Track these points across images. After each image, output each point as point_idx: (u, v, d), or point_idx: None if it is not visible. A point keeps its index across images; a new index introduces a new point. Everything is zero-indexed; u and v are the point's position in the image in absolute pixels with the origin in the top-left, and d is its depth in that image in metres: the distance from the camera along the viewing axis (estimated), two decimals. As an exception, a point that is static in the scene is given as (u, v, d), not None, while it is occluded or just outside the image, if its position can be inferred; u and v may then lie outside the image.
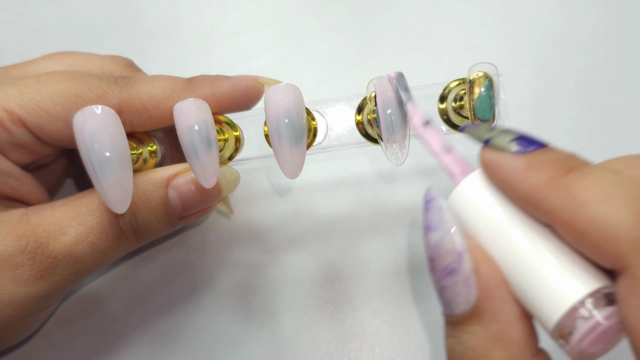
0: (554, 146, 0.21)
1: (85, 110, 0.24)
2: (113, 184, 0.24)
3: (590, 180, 0.19)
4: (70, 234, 0.27)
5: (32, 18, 0.42)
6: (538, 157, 0.20)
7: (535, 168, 0.20)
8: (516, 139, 0.21)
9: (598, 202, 0.18)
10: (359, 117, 0.31)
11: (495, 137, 0.22)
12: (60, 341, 0.34)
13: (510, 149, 0.21)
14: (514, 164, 0.21)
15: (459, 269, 0.21)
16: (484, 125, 0.23)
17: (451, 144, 0.24)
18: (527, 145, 0.21)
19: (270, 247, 0.36)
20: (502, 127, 0.23)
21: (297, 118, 0.26)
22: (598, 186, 0.19)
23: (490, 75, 0.28)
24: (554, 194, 0.19)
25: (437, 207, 0.22)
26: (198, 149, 0.26)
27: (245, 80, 0.30)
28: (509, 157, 0.21)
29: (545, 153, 0.21)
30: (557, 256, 0.20)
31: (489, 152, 0.22)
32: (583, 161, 0.20)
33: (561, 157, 0.20)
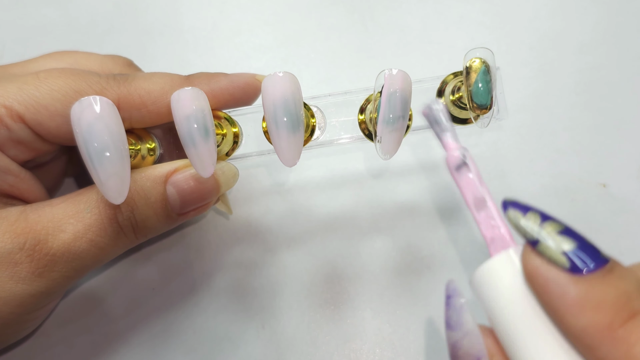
0: (616, 266, 0.18)
1: (82, 101, 0.24)
2: (110, 174, 0.24)
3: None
4: (68, 231, 0.27)
5: (32, 18, 0.42)
6: (597, 289, 0.17)
7: (592, 305, 0.17)
8: (572, 251, 0.18)
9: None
10: (362, 117, 0.31)
11: (545, 240, 0.18)
12: (59, 340, 0.34)
13: (564, 263, 0.18)
14: (567, 292, 0.17)
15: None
16: (533, 215, 0.19)
17: (486, 195, 0.22)
18: (586, 262, 0.18)
19: (269, 247, 0.36)
20: (556, 222, 0.19)
21: (294, 105, 0.26)
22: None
23: (487, 60, 0.28)
24: (611, 345, 0.17)
25: (457, 305, 0.21)
26: (195, 137, 0.26)
27: (243, 77, 0.30)
28: (561, 278, 0.18)
29: (605, 283, 0.17)
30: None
31: (536, 261, 0.18)
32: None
33: (625, 292, 0.17)
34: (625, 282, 0.18)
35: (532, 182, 0.37)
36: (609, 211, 0.37)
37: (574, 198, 0.37)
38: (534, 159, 0.38)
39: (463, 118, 0.31)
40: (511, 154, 0.38)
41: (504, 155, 0.38)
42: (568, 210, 0.37)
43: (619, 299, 0.17)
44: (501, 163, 0.38)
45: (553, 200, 0.37)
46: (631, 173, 0.38)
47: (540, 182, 0.37)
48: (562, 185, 0.37)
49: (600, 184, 0.38)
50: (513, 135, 0.39)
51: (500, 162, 0.38)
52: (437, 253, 0.36)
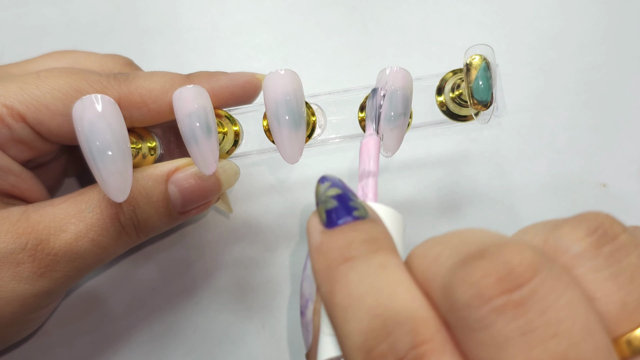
0: (361, 222, 0.21)
1: (84, 100, 0.24)
2: (112, 172, 0.24)
3: (350, 278, 0.19)
4: (70, 230, 0.27)
5: (32, 18, 0.42)
6: (329, 239, 0.21)
7: (321, 252, 0.20)
8: (331, 209, 0.21)
9: (343, 308, 0.19)
10: (362, 115, 0.31)
11: (320, 202, 0.22)
12: (60, 341, 0.34)
13: (322, 218, 0.21)
14: (313, 240, 0.21)
15: (305, 313, 0.23)
16: (327, 183, 0.22)
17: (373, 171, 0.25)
18: (336, 219, 0.21)
19: (270, 246, 0.36)
20: (336, 188, 0.22)
21: (295, 102, 0.26)
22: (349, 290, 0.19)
23: (487, 57, 0.28)
24: (325, 283, 0.20)
25: (307, 252, 0.23)
26: (197, 135, 0.26)
27: (244, 76, 0.31)
28: (315, 231, 0.21)
29: (340, 233, 0.20)
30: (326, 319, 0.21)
31: (312, 218, 0.22)
32: (371, 248, 0.20)
33: (350, 241, 0.20)
34: (354, 233, 0.20)
35: (532, 182, 0.38)
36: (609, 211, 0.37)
37: (574, 198, 0.37)
38: (534, 159, 0.38)
39: (463, 115, 0.31)
40: (511, 153, 0.38)
41: (504, 155, 0.38)
42: (568, 210, 0.37)
43: (341, 247, 0.20)
44: (501, 163, 0.38)
45: (553, 200, 0.37)
46: (631, 173, 0.38)
47: (540, 182, 0.38)
48: (562, 185, 0.37)
49: (600, 184, 0.38)
50: (513, 135, 0.39)
51: (500, 162, 0.38)
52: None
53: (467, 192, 0.37)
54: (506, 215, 0.37)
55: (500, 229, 0.36)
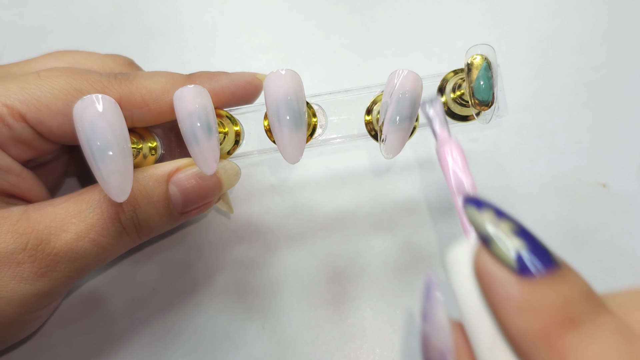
0: (567, 272, 0.17)
1: (85, 99, 0.24)
2: (113, 171, 0.24)
3: (592, 350, 0.16)
4: (71, 231, 0.27)
5: (32, 18, 0.42)
6: (540, 294, 0.17)
7: (532, 309, 0.17)
8: (522, 252, 0.17)
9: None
10: (369, 118, 0.31)
11: (497, 238, 0.18)
12: (60, 341, 0.34)
13: (512, 263, 0.17)
14: (510, 293, 0.17)
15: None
16: (489, 212, 0.19)
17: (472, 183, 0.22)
18: (534, 265, 0.17)
19: (270, 247, 0.36)
20: (510, 221, 0.18)
21: (296, 102, 0.26)
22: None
23: (488, 57, 0.28)
24: (544, 352, 0.16)
25: (432, 299, 0.20)
26: (198, 134, 0.26)
27: (244, 76, 0.31)
28: (507, 278, 0.17)
29: (551, 288, 0.17)
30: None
31: (486, 259, 0.18)
32: (594, 307, 0.17)
33: (569, 299, 0.17)
34: (570, 288, 0.17)
35: (532, 182, 0.38)
36: (609, 211, 0.37)
37: (574, 198, 0.37)
38: (534, 159, 0.38)
39: (464, 115, 0.31)
40: (511, 153, 0.38)
41: (504, 155, 0.38)
42: (568, 210, 0.37)
43: (561, 306, 0.17)
44: (501, 163, 0.38)
45: (553, 200, 0.37)
46: (631, 173, 0.38)
47: (540, 182, 0.38)
48: (562, 185, 0.38)
49: (600, 184, 0.38)
50: (513, 135, 0.39)
51: (501, 162, 0.38)
52: (437, 252, 0.36)
53: (467, 192, 0.37)
54: (506, 215, 0.37)
55: (500, 229, 0.36)
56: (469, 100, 0.28)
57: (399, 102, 0.27)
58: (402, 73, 0.27)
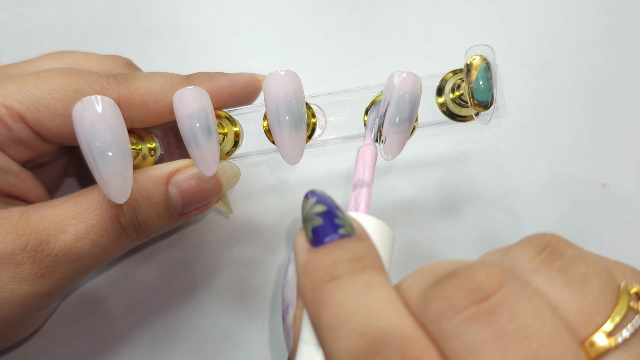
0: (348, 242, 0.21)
1: (84, 101, 0.24)
2: (113, 173, 0.24)
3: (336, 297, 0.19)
4: (70, 231, 0.27)
5: (32, 18, 0.42)
6: (315, 258, 0.20)
7: (307, 271, 0.20)
8: (317, 227, 0.21)
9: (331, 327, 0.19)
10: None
11: (306, 219, 0.22)
12: (60, 341, 0.34)
13: (310, 237, 0.21)
14: (299, 260, 0.21)
15: (286, 318, 0.23)
16: (312, 200, 0.22)
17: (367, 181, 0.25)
18: (322, 237, 0.21)
19: (270, 247, 0.36)
20: (322, 204, 0.22)
21: (296, 103, 0.26)
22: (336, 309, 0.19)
23: (487, 57, 0.28)
24: (309, 303, 0.20)
25: (290, 257, 0.23)
26: (198, 136, 0.26)
27: (243, 77, 0.31)
28: (301, 249, 0.21)
29: (323, 253, 0.20)
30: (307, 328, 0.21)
31: (298, 235, 0.22)
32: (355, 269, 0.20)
33: (333, 260, 0.20)
34: (342, 253, 0.20)
35: (532, 182, 0.38)
36: (609, 211, 0.37)
37: (574, 198, 0.37)
38: (534, 159, 0.38)
39: (463, 115, 0.31)
40: (511, 153, 0.38)
41: (504, 154, 0.38)
42: (568, 210, 0.37)
43: (328, 266, 0.20)
44: (501, 162, 0.38)
45: (553, 200, 0.37)
46: (631, 173, 0.38)
47: (540, 182, 0.38)
48: (562, 185, 0.37)
49: (600, 184, 0.38)
50: (513, 135, 0.39)
51: (500, 162, 0.38)
52: (437, 252, 0.36)
53: (467, 192, 0.37)
54: (506, 215, 0.37)
55: (500, 229, 0.36)
56: (468, 100, 0.28)
57: (398, 103, 0.27)
58: (401, 74, 0.27)
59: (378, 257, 0.21)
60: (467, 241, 0.36)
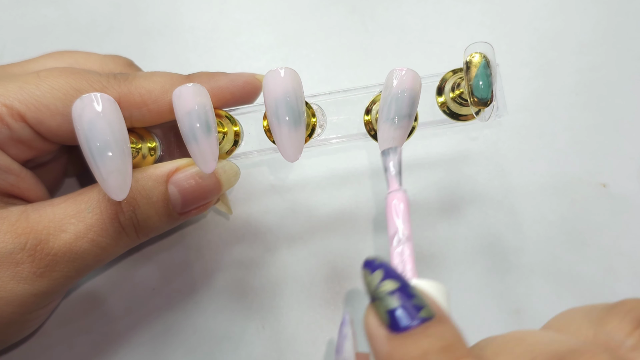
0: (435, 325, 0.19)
1: (84, 98, 0.24)
2: (112, 170, 0.24)
3: None
4: (69, 231, 0.27)
5: (32, 18, 0.42)
6: (399, 348, 0.18)
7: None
8: (394, 310, 0.19)
9: None
10: (368, 117, 0.31)
11: (378, 297, 0.19)
12: (60, 340, 0.34)
13: (385, 321, 0.19)
14: (381, 349, 0.19)
15: None
16: (378, 273, 0.20)
17: (408, 234, 0.23)
18: (400, 322, 0.19)
19: (269, 247, 0.36)
20: (393, 281, 0.20)
21: (295, 101, 0.26)
22: None
23: (487, 55, 0.28)
24: None
25: (343, 333, 0.23)
26: (197, 133, 0.26)
27: (243, 77, 0.31)
28: (380, 334, 0.19)
29: (408, 343, 0.18)
30: None
31: (369, 316, 0.20)
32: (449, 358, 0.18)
33: (422, 352, 0.18)
34: (430, 342, 0.18)
35: (532, 182, 0.38)
36: (609, 211, 0.37)
37: (574, 198, 0.37)
38: (534, 159, 0.38)
39: (464, 114, 0.30)
40: (511, 153, 0.38)
41: (504, 154, 0.38)
42: (568, 210, 0.37)
43: (417, 358, 0.18)
44: (501, 163, 0.38)
45: (553, 200, 0.37)
46: (631, 173, 0.38)
47: (540, 182, 0.37)
48: (562, 185, 0.37)
49: (600, 184, 0.38)
50: (513, 135, 0.39)
51: (500, 162, 0.38)
52: (437, 252, 0.36)
53: (467, 192, 0.37)
54: (506, 215, 0.37)
55: (500, 229, 0.36)
56: (468, 98, 0.28)
57: (397, 100, 0.27)
58: (400, 71, 0.27)
59: (464, 341, 0.19)
60: (467, 241, 0.36)
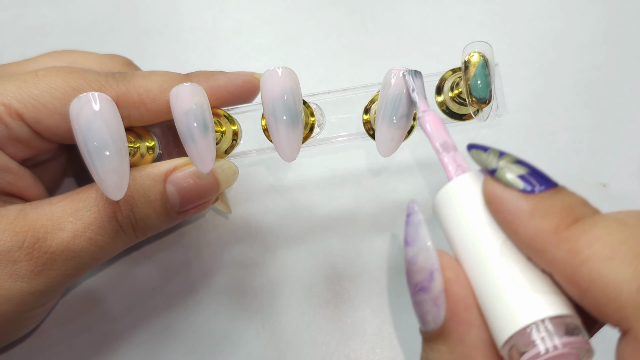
0: (564, 188, 0.20)
1: (81, 97, 0.24)
2: (109, 169, 0.24)
3: (596, 233, 0.18)
4: (67, 229, 0.27)
5: (32, 18, 0.42)
6: (545, 202, 0.20)
7: (540, 214, 0.19)
8: (524, 176, 0.20)
9: (602, 259, 0.18)
10: (366, 117, 0.31)
11: (502, 168, 0.21)
12: (59, 340, 0.34)
13: (517, 186, 0.20)
14: (519, 206, 0.20)
15: (430, 287, 0.21)
16: (493, 151, 0.22)
17: (453, 143, 0.23)
18: (536, 184, 0.20)
19: (269, 247, 0.36)
20: (512, 155, 0.21)
21: (292, 100, 0.26)
22: (604, 241, 0.18)
23: (485, 54, 0.28)
24: (557, 246, 0.19)
25: (415, 221, 0.22)
26: (194, 132, 0.26)
27: (242, 76, 0.31)
28: (514, 195, 0.20)
29: (553, 197, 0.20)
30: (529, 278, 0.20)
31: (494, 185, 0.21)
32: (592, 210, 0.20)
33: (570, 204, 0.20)
34: (570, 197, 0.20)
35: (532, 182, 0.37)
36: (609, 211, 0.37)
37: (574, 198, 0.37)
38: (534, 159, 0.37)
39: (463, 114, 0.30)
40: (511, 153, 0.38)
41: (504, 155, 0.38)
42: (568, 210, 0.37)
43: (563, 208, 0.19)
44: (501, 163, 0.38)
45: (553, 200, 0.37)
46: (631, 173, 0.38)
47: (541, 182, 0.37)
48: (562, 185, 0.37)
49: (600, 184, 0.37)
50: (513, 135, 0.39)
51: (500, 162, 0.38)
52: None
53: (467, 192, 0.37)
54: (506, 215, 0.37)
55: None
56: (466, 98, 0.28)
57: (395, 100, 0.27)
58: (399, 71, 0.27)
59: None
60: (467, 241, 0.36)
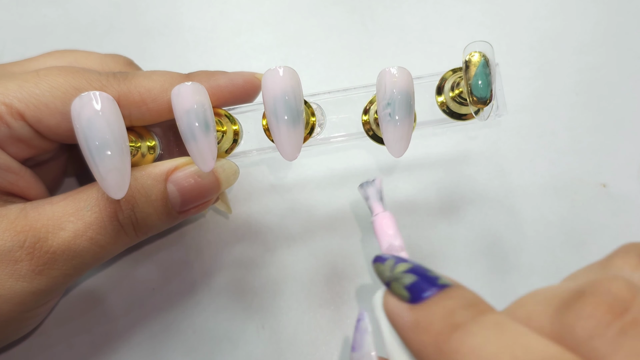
0: (452, 289, 0.20)
1: (83, 97, 0.24)
2: (110, 169, 0.24)
3: (472, 344, 0.18)
4: (68, 229, 0.27)
5: (32, 18, 0.42)
6: (427, 312, 0.20)
7: (422, 327, 0.19)
8: (412, 285, 0.20)
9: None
10: (366, 118, 0.31)
11: (394, 280, 0.21)
12: (59, 340, 0.34)
13: (405, 297, 0.20)
14: (405, 320, 0.20)
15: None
16: (390, 262, 0.22)
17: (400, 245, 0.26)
18: (421, 292, 0.20)
19: (269, 247, 0.36)
20: (406, 263, 0.22)
21: (294, 99, 0.26)
22: (479, 353, 0.18)
23: (486, 54, 0.28)
24: (437, 357, 0.19)
25: (362, 328, 0.23)
26: (195, 131, 0.26)
27: (243, 76, 0.31)
28: (402, 309, 0.20)
29: (436, 305, 0.20)
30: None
31: (388, 299, 0.21)
32: (476, 311, 0.19)
33: (450, 310, 0.19)
34: (453, 301, 0.20)
35: (532, 182, 0.37)
36: (609, 211, 0.37)
37: (574, 198, 0.37)
38: (534, 159, 0.38)
39: (463, 113, 0.30)
40: (511, 154, 0.38)
41: (504, 155, 0.38)
42: (568, 210, 0.37)
43: (444, 317, 0.19)
44: (501, 163, 0.38)
45: (553, 200, 0.37)
46: (631, 173, 0.38)
47: (540, 182, 0.37)
48: (562, 185, 0.37)
49: (600, 184, 0.38)
50: (513, 135, 0.39)
51: (500, 162, 0.38)
52: (437, 252, 0.36)
53: (467, 192, 0.37)
54: (506, 215, 0.37)
55: (500, 229, 0.36)
56: (467, 97, 0.28)
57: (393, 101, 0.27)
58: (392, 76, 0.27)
59: (485, 301, 0.20)
60: (467, 241, 0.36)
